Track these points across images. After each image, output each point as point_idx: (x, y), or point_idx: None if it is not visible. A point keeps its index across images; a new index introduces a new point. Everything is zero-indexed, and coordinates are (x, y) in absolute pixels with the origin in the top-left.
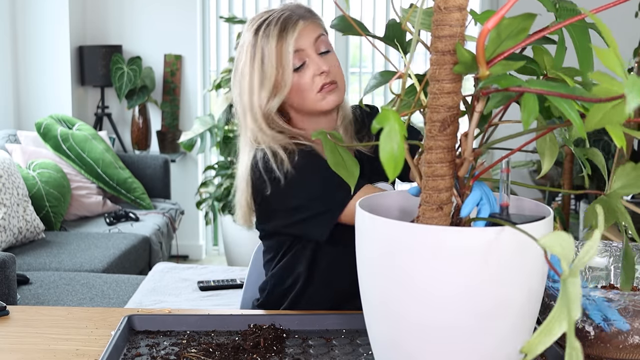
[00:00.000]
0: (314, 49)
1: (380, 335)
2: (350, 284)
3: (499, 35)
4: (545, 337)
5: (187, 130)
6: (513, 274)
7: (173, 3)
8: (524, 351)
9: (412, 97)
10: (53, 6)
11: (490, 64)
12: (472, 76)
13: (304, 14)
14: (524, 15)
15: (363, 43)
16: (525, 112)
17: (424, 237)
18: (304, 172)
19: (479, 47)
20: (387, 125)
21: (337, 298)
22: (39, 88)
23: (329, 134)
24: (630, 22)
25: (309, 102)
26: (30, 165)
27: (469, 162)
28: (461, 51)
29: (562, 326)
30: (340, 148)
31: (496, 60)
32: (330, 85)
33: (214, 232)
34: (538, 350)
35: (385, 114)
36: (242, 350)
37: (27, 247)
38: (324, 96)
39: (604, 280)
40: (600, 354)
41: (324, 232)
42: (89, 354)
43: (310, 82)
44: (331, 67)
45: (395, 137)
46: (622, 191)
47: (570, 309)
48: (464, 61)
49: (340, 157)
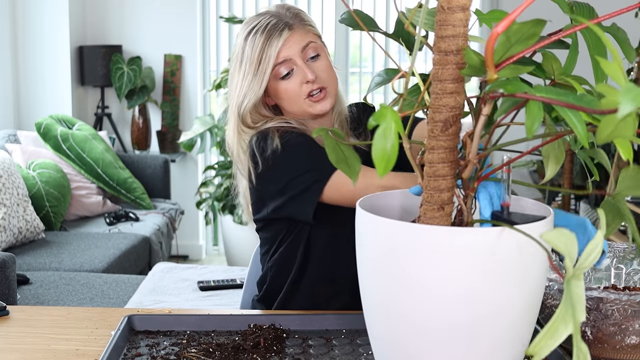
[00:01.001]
0: (301, 56)
1: (380, 335)
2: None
3: (509, 40)
4: (550, 339)
5: (187, 130)
6: (513, 274)
7: (173, 3)
8: (529, 353)
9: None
10: (53, 6)
11: (498, 68)
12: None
13: (292, 21)
14: (534, 20)
15: (363, 43)
16: (529, 120)
17: (424, 237)
18: (290, 148)
19: (488, 50)
20: (383, 122)
21: (334, 288)
22: (39, 88)
23: (330, 130)
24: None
25: (298, 108)
26: (30, 165)
27: (473, 165)
28: (469, 54)
29: (567, 328)
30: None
31: (505, 64)
32: (319, 93)
33: (214, 232)
34: (543, 353)
35: (382, 112)
36: (242, 350)
37: (27, 247)
38: (312, 104)
39: (606, 281)
40: (597, 355)
41: (310, 209)
42: (89, 354)
43: (298, 89)
44: (319, 73)
45: (390, 136)
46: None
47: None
48: (472, 64)
49: (342, 153)
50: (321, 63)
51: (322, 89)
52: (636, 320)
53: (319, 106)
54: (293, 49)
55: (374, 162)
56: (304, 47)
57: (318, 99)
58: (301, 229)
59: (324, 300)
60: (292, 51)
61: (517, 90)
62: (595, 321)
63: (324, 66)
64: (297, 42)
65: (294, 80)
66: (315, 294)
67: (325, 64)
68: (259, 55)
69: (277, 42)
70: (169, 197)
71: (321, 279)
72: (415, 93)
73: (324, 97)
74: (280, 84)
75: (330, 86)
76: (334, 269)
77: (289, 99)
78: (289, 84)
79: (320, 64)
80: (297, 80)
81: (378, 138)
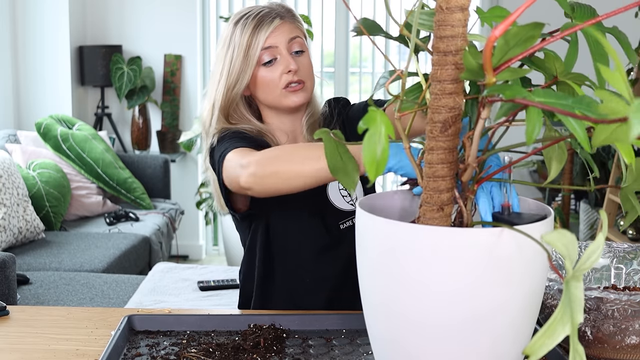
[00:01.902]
0: (287, 47)
1: (380, 335)
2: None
3: (507, 43)
4: (547, 339)
5: (187, 130)
6: (513, 274)
7: (173, 3)
8: (526, 353)
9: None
10: (53, 6)
11: (497, 71)
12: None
13: (284, 14)
14: (532, 24)
15: (363, 43)
16: (529, 125)
17: (424, 238)
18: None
19: (486, 54)
20: (372, 127)
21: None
22: (39, 88)
23: (332, 132)
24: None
25: (273, 98)
26: (30, 165)
27: (473, 168)
28: (467, 58)
29: (565, 329)
30: (341, 150)
31: (503, 67)
32: (297, 85)
33: (214, 232)
34: (541, 352)
35: (372, 115)
36: (242, 350)
37: (27, 247)
38: (287, 94)
39: (606, 281)
40: (597, 355)
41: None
42: (89, 354)
43: (277, 78)
44: (301, 66)
45: (380, 141)
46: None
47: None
48: (470, 68)
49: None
50: (304, 59)
51: (300, 81)
52: (636, 320)
53: (293, 97)
54: (281, 37)
55: (365, 167)
56: (291, 38)
57: (295, 89)
58: (258, 224)
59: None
60: (279, 39)
61: (516, 95)
62: (595, 321)
63: (307, 63)
64: (286, 32)
65: (275, 68)
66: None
67: (308, 62)
68: (248, 40)
69: (267, 28)
70: (169, 197)
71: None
72: (414, 93)
73: (300, 89)
74: (261, 71)
75: (309, 83)
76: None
77: (266, 87)
78: (270, 71)
79: (303, 59)
80: (279, 69)
81: (367, 143)
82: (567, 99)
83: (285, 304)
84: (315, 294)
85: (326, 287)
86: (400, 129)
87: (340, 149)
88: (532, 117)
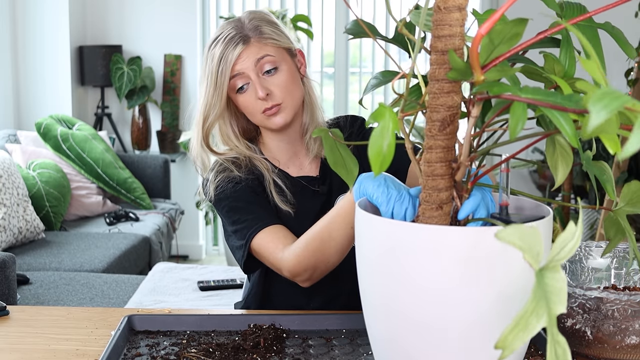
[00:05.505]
0: (255, 71)
1: (380, 335)
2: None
3: (492, 41)
4: (521, 332)
5: (187, 130)
6: (513, 273)
7: (173, 3)
8: (498, 347)
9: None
10: (53, 6)
11: (485, 69)
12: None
13: (249, 34)
14: (516, 20)
15: (363, 43)
16: (512, 120)
17: (423, 237)
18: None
19: (473, 52)
20: (381, 121)
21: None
22: (39, 88)
23: (330, 131)
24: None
25: (257, 121)
26: (30, 165)
27: (465, 167)
28: (453, 58)
29: (541, 321)
30: (340, 146)
31: (490, 65)
32: (272, 109)
33: (214, 232)
34: (514, 346)
35: (381, 110)
36: (242, 350)
37: (27, 247)
38: (268, 118)
39: (606, 281)
40: (597, 355)
41: (241, 264)
42: (89, 354)
43: (253, 103)
44: (273, 88)
45: (387, 136)
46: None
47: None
48: (456, 67)
49: (340, 155)
50: (277, 78)
51: (275, 105)
52: (636, 320)
53: (274, 119)
54: (247, 62)
55: (370, 160)
56: (258, 59)
57: (271, 113)
58: None
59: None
60: (245, 64)
61: (503, 92)
62: (595, 321)
63: (280, 81)
64: (252, 54)
65: (249, 94)
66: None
67: (282, 78)
68: (216, 68)
69: (232, 55)
70: (169, 197)
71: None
72: (415, 94)
73: (276, 112)
74: (238, 97)
75: (287, 100)
76: None
77: (247, 112)
78: (245, 97)
79: (275, 79)
80: (252, 94)
81: (375, 137)
82: (555, 96)
83: (285, 304)
84: (315, 294)
85: (326, 287)
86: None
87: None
88: (516, 112)
